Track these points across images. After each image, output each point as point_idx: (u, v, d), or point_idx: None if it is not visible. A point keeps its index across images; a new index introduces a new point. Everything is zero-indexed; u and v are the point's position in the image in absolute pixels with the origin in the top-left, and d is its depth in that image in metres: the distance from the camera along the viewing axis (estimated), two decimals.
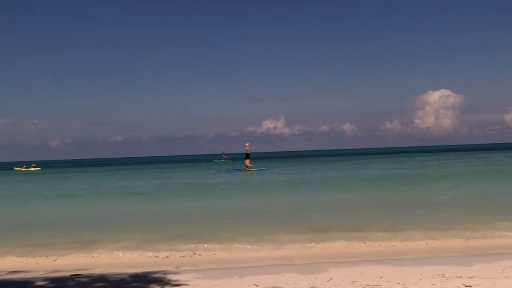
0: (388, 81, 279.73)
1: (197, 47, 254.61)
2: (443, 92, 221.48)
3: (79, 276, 8.35)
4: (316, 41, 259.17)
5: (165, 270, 8.45)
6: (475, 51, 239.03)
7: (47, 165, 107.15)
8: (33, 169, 77.15)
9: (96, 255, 10.53)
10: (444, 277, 7.23)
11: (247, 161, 42.23)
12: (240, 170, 42.75)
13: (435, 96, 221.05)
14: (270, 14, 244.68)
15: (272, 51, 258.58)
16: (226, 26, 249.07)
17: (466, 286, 6.64)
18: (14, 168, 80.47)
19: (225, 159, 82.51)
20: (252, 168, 42.31)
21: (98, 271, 8.85)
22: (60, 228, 14.31)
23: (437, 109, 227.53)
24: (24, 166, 79.18)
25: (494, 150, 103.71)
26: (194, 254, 10.30)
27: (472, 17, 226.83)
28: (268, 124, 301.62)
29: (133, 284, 7.49)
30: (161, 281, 7.62)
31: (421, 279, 7.11)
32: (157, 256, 10.21)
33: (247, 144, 41.74)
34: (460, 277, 7.18)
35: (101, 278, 8.01)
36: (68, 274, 8.60)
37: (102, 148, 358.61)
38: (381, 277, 7.33)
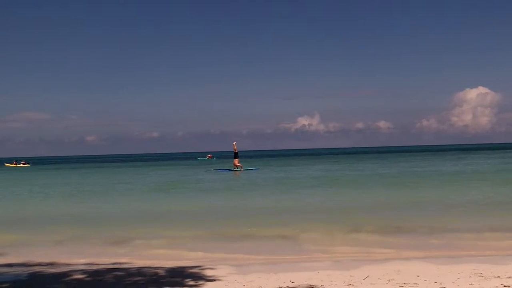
0: (425, 78, 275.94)
1: (233, 43, 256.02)
2: (481, 89, 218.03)
3: (117, 269, 8.52)
4: (351, 39, 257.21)
5: (202, 266, 8.54)
6: None
7: (67, 160, 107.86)
8: (22, 165, 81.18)
9: (131, 250, 10.66)
10: (482, 276, 7.14)
11: (236, 161, 40.44)
12: (229, 169, 41.50)
13: (472, 94, 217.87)
14: (304, 11, 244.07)
15: (307, 48, 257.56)
16: (262, 23, 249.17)
17: (504, 286, 6.55)
18: (5, 164, 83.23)
19: (209, 157, 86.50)
20: (241, 167, 40.77)
21: (134, 265, 9.00)
22: (93, 224, 14.58)
23: (475, 106, 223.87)
24: (14, 162, 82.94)
25: None
26: (229, 251, 10.35)
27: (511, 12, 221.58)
28: (303, 121, 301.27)
29: (170, 278, 7.61)
30: (197, 276, 7.72)
31: (458, 278, 7.05)
32: (193, 252, 10.28)
33: (234, 143, 39.71)
34: (498, 277, 7.09)
35: (138, 272, 8.16)
36: (105, 267, 8.78)
37: (138, 144, 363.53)
38: (418, 276, 7.29)
